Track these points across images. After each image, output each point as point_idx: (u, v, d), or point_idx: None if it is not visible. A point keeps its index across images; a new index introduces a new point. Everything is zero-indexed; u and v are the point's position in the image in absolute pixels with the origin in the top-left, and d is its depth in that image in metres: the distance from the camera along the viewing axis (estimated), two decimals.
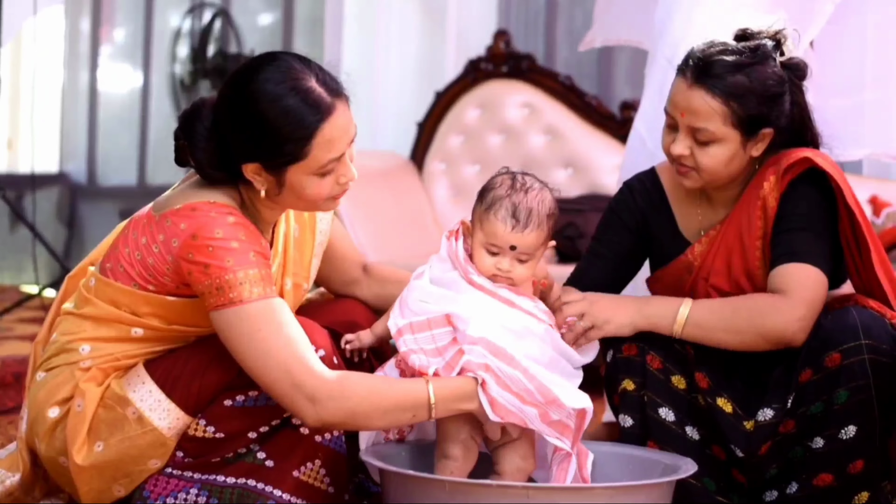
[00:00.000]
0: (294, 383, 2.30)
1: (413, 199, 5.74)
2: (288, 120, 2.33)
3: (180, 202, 2.39)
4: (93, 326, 2.45)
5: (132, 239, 2.42)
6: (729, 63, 2.53)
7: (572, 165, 5.58)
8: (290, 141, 2.33)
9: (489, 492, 2.24)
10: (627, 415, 2.59)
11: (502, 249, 2.44)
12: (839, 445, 2.46)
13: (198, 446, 2.45)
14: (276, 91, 2.33)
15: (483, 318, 2.40)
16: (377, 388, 2.37)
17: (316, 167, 2.37)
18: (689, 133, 2.57)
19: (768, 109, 2.55)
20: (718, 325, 2.55)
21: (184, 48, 7.46)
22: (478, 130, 5.76)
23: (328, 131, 2.35)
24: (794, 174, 2.57)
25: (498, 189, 2.45)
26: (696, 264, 2.67)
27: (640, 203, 2.75)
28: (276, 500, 2.44)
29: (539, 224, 2.43)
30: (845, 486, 2.47)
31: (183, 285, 2.39)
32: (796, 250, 2.55)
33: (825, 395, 2.46)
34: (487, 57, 5.76)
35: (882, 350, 2.45)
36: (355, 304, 2.73)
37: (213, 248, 2.32)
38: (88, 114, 8.20)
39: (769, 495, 2.56)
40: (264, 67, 2.37)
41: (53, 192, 8.06)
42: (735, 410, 2.56)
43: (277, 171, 2.37)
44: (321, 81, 2.37)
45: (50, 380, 2.46)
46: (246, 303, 2.31)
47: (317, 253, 2.67)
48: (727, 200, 2.68)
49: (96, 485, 2.44)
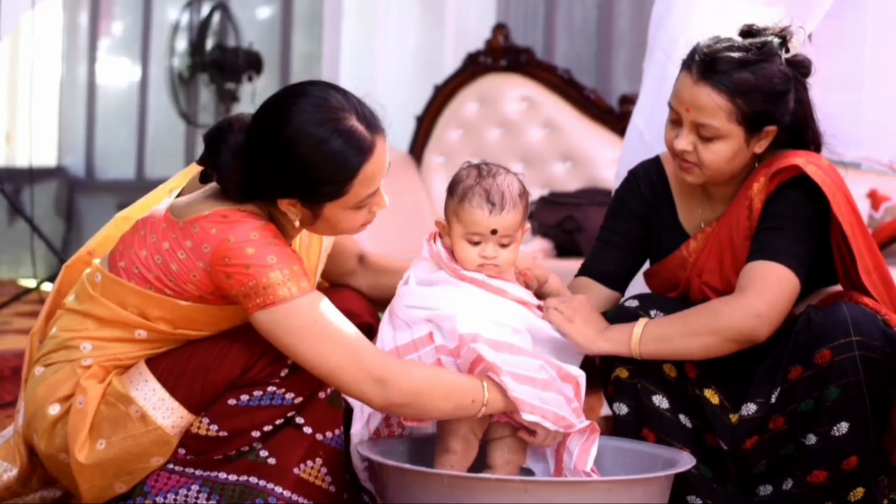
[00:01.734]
0: (361, 366, 2.31)
1: (412, 192, 5.74)
2: (332, 164, 2.30)
3: (207, 209, 2.37)
4: (95, 326, 2.43)
5: (151, 242, 2.39)
6: (735, 59, 2.52)
7: (571, 159, 5.58)
8: (331, 183, 2.33)
9: (487, 486, 2.24)
10: (622, 403, 2.59)
11: (484, 236, 2.45)
12: (832, 442, 2.45)
13: (201, 444, 2.44)
14: (318, 134, 2.29)
15: (471, 312, 2.42)
16: (437, 371, 2.41)
17: (354, 203, 2.37)
18: (693, 129, 2.56)
19: (773, 107, 2.55)
20: (676, 331, 2.52)
21: (182, 42, 7.45)
22: (477, 124, 5.76)
23: (370, 170, 2.34)
24: (781, 180, 2.56)
25: (466, 180, 2.48)
26: (690, 260, 2.67)
27: (644, 191, 2.75)
28: (277, 498, 2.44)
29: (514, 204, 2.45)
30: (840, 482, 2.47)
31: (208, 293, 2.37)
32: (766, 248, 2.54)
33: (816, 391, 2.45)
34: (486, 51, 5.76)
35: (873, 346, 2.43)
36: (350, 294, 2.74)
37: (252, 249, 2.30)
38: (86, 107, 8.20)
39: (763, 490, 2.56)
40: (301, 105, 2.31)
41: (51, 185, 8.06)
42: (722, 402, 2.56)
43: (314, 206, 2.37)
44: (361, 117, 2.34)
45: (49, 376, 2.45)
46: (296, 297, 2.31)
47: (323, 258, 2.68)
48: (726, 197, 2.68)
49: (98, 482, 2.44)
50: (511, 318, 2.46)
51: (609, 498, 2.25)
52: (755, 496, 2.57)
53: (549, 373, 2.41)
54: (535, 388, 2.38)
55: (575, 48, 6.01)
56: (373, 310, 2.72)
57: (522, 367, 2.39)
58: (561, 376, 2.42)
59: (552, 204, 5.30)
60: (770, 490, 2.55)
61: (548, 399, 2.38)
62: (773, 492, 2.54)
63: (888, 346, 2.45)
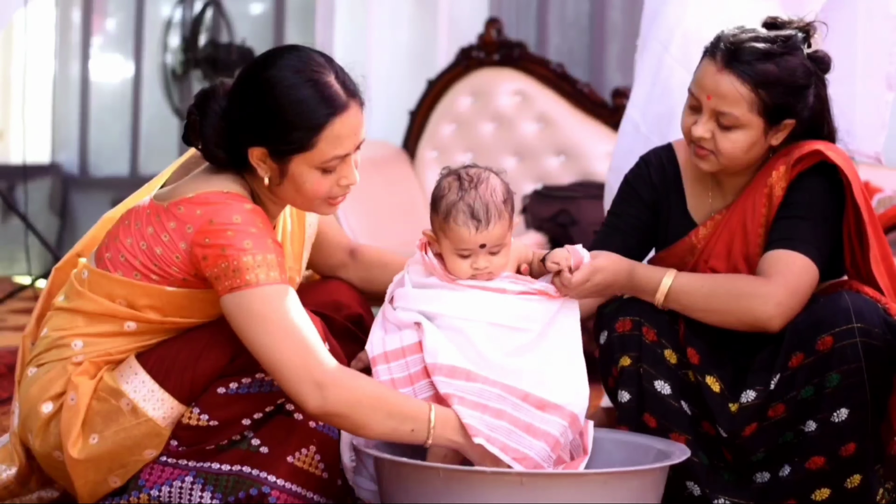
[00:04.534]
0: (305, 365, 2.29)
1: (405, 187, 5.74)
2: (300, 108, 2.35)
3: (191, 191, 2.40)
4: (85, 322, 2.44)
5: (136, 229, 2.42)
6: (760, 50, 2.53)
7: (564, 153, 5.58)
8: (298, 129, 2.35)
9: (483, 479, 2.25)
10: (625, 390, 2.59)
11: (473, 250, 2.44)
12: (831, 429, 2.47)
13: (192, 434, 2.45)
14: (293, 79, 2.36)
15: (464, 314, 2.41)
16: (384, 390, 2.37)
17: (320, 161, 2.38)
18: (713, 116, 2.57)
19: (794, 100, 2.56)
20: (697, 303, 2.56)
21: (175, 38, 7.45)
22: (470, 118, 5.76)
23: (338, 127, 2.37)
24: (804, 166, 2.58)
25: (448, 194, 2.44)
26: (699, 247, 2.68)
27: (654, 178, 2.75)
28: (271, 487, 2.45)
29: (500, 215, 2.43)
30: (837, 469, 2.48)
31: (191, 276, 2.39)
32: (790, 237, 2.56)
33: (817, 378, 2.47)
34: (479, 45, 5.75)
35: (874, 334, 2.45)
36: (339, 285, 2.74)
37: (231, 232, 2.32)
38: (80, 104, 8.18)
39: (760, 476, 2.57)
40: (286, 56, 2.40)
41: (45, 182, 8.05)
42: (723, 391, 2.57)
43: (282, 158, 2.38)
44: (340, 80, 2.40)
45: (42, 375, 2.46)
46: (263, 285, 2.31)
47: (307, 246, 2.69)
48: (737, 187, 2.69)
49: (92, 477, 2.44)
50: (510, 315, 2.45)
51: (605, 489, 2.25)
52: (752, 483, 2.58)
53: (511, 402, 2.37)
54: (486, 414, 2.36)
55: (568, 42, 6.01)
56: (363, 300, 2.72)
57: (475, 393, 2.37)
58: (539, 407, 2.38)
59: (546, 197, 5.30)
60: (767, 477, 2.56)
61: (496, 427, 2.35)
62: (771, 479, 2.55)
63: (889, 334, 2.47)
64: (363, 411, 2.31)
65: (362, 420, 2.31)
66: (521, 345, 2.44)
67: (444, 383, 2.36)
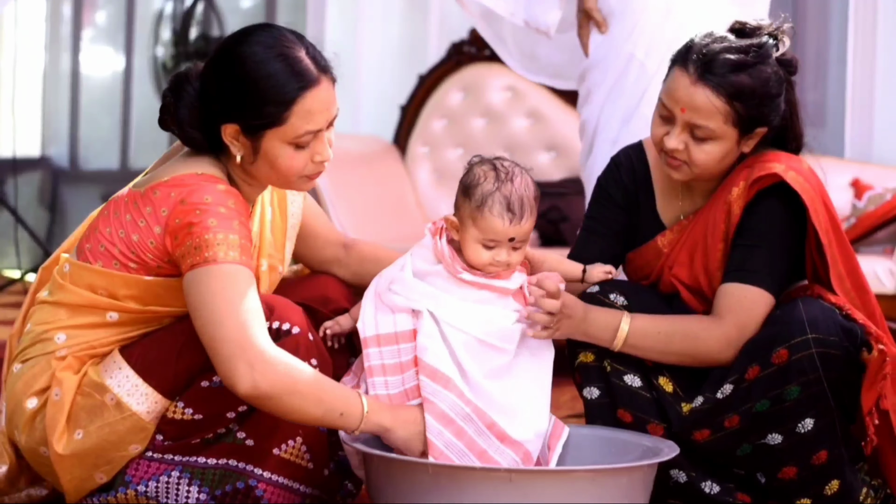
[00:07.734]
0: (241, 344, 2.26)
1: (396, 182, 5.74)
2: (271, 82, 2.36)
3: (167, 175, 2.41)
4: (68, 314, 2.44)
5: (114, 218, 2.42)
6: (734, 61, 2.50)
7: (555, 149, 5.58)
8: (270, 103, 2.36)
9: (472, 475, 2.24)
10: (592, 386, 2.59)
11: (500, 243, 2.44)
12: (797, 439, 2.45)
13: (177, 429, 2.45)
14: (263, 54, 2.38)
15: (441, 348, 2.40)
16: (319, 376, 2.35)
17: (292, 136, 2.38)
18: (687, 128, 2.53)
19: (767, 109, 2.53)
20: (654, 347, 2.55)
21: (166, 31, 7.44)
22: (461, 114, 5.76)
23: (309, 102, 2.38)
24: (761, 186, 2.55)
25: (484, 183, 2.44)
26: (664, 251, 2.67)
27: (625, 179, 2.74)
28: (258, 479, 2.45)
29: (532, 211, 2.44)
30: (811, 477, 2.46)
31: (164, 262, 2.39)
32: (743, 267, 2.55)
33: (775, 390, 2.44)
34: (470, 40, 5.75)
35: (830, 342, 2.42)
36: (328, 279, 2.74)
37: (200, 211, 2.33)
38: (70, 97, 8.18)
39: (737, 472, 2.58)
40: (257, 32, 2.42)
41: (35, 176, 8.04)
42: (675, 391, 2.57)
43: (255, 135, 2.39)
44: (311, 55, 2.41)
45: (26, 371, 2.45)
46: (220, 263, 2.31)
47: (290, 236, 2.68)
48: (706, 191, 2.66)
49: (78, 473, 2.44)
50: (496, 334, 2.44)
51: (593, 486, 2.25)
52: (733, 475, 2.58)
53: (476, 426, 2.37)
54: (448, 428, 2.36)
55: None
56: (351, 296, 2.72)
57: (448, 404, 2.37)
58: (500, 438, 2.38)
59: None
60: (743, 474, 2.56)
61: (452, 445, 2.35)
62: (748, 481, 2.55)
63: (846, 341, 2.44)
64: (296, 396, 2.29)
65: (294, 403, 2.29)
66: (499, 366, 2.43)
67: (423, 382, 2.37)
